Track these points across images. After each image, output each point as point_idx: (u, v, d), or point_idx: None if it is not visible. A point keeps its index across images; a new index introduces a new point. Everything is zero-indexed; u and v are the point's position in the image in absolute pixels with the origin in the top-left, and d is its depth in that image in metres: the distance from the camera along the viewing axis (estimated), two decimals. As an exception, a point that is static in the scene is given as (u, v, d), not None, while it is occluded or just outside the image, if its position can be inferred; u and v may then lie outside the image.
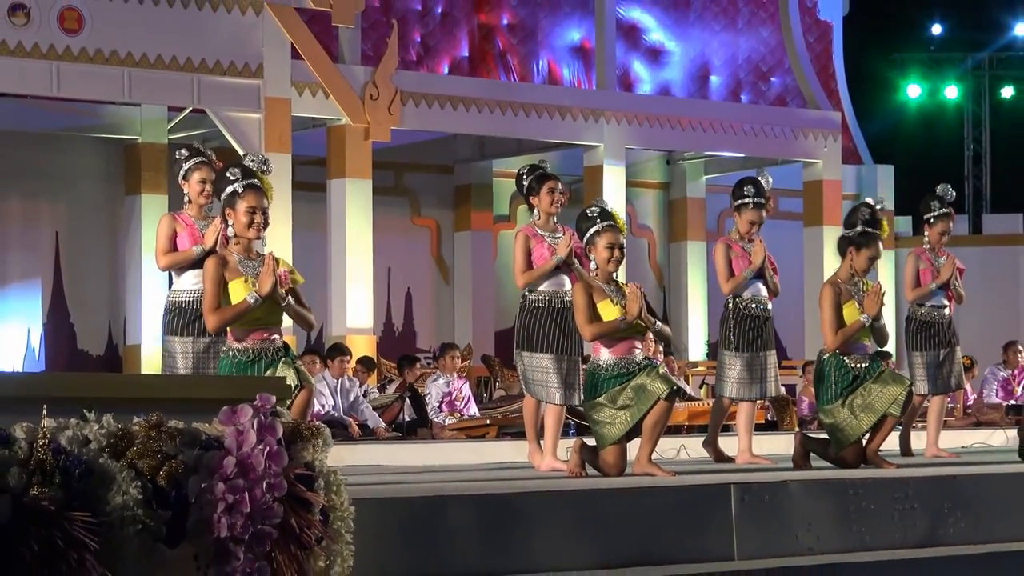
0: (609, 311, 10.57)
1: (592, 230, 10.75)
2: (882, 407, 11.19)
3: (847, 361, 11.37)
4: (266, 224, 9.79)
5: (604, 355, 10.61)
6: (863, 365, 11.38)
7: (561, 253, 11.29)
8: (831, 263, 12.15)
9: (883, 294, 11.48)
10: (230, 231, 9.77)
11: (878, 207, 11.85)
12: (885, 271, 23.54)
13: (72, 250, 21.57)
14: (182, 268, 11.15)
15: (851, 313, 11.43)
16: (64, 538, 5.96)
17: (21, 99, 19.74)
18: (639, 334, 10.68)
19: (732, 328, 12.66)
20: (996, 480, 10.04)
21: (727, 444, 13.06)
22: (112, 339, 21.73)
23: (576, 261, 11.10)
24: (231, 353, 9.64)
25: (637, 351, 10.62)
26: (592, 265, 10.76)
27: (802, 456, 11.44)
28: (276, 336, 9.67)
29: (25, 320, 21.35)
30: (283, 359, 9.58)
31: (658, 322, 10.70)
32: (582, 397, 11.29)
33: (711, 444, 13.09)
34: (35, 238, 21.45)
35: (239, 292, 9.58)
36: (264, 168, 9.95)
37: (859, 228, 11.69)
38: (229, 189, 9.76)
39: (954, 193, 14.02)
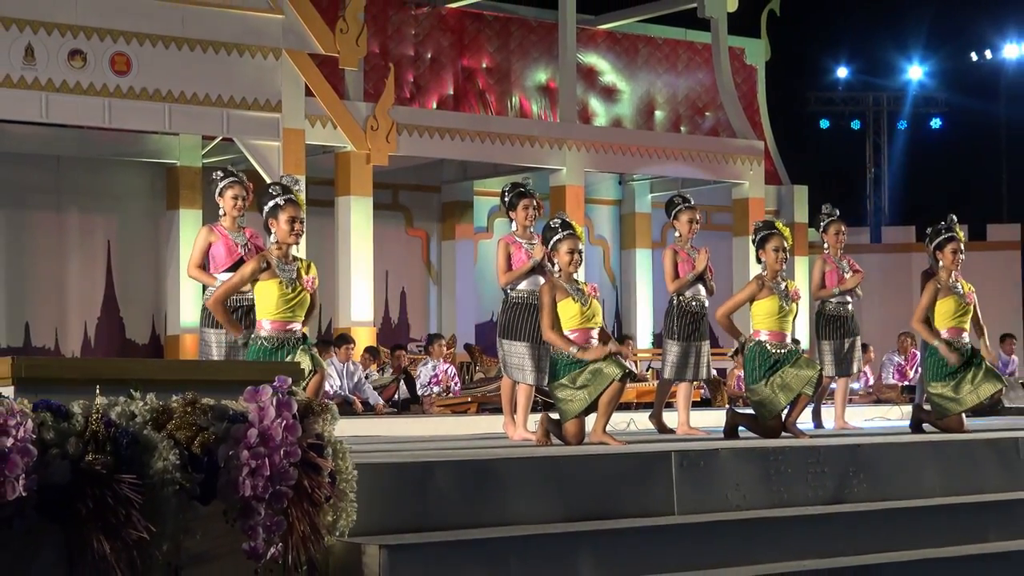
0: (569, 307, 10.58)
1: (555, 238, 10.79)
2: (797, 387, 11.19)
3: (769, 347, 11.37)
4: (303, 232, 9.84)
5: None
6: (782, 351, 11.38)
7: (537, 256, 11.29)
8: (756, 268, 12.13)
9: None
10: (272, 238, 9.78)
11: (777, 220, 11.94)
12: (800, 273, 23.55)
13: (122, 256, 21.52)
14: (220, 271, 11.13)
15: (766, 304, 11.43)
16: (114, 496, 5.95)
17: (79, 129, 19.69)
18: (596, 326, 10.69)
19: (675, 321, 12.65)
20: (892, 448, 10.05)
21: (669, 418, 13.05)
22: (155, 330, 21.66)
23: (548, 264, 11.10)
24: (259, 341, 9.64)
25: (594, 340, 10.62)
26: (556, 268, 10.78)
27: (731, 428, 11.44)
28: (295, 327, 9.67)
29: (82, 314, 21.29)
30: (301, 347, 9.58)
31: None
32: (548, 379, 11.30)
33: (656, 418, 13.08)
34: (91, 246, 21.39)
35: (271, 289, 9.59)
36: (298, 188, 10.01)
37: (762, 232, 11.76)
38: (272, 203, 9.79)
39: (836, 211, 14.03)
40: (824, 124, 36.08)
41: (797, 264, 24.02)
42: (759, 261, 11.75)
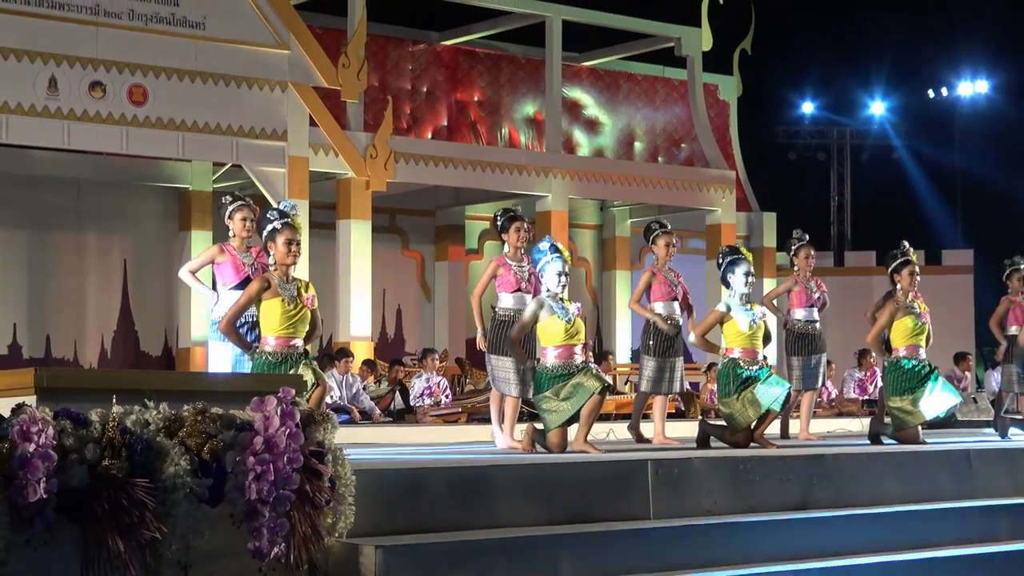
0: (555, 325, 10.59)
1: (544, 261, 10.81)
2: (766, 403, 11.20)
3: (741, 364, 11.38)
4: (300, 253, 9.84)
5: (551, 359, 10.62)
6: (754, 368, 11.39)
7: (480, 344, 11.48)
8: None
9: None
10: (271, 259, 9.77)
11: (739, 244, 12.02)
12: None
13: (137, 274, 21.51)
14: (228, 287, 11.14)
15: (735, 325, 11.45)
16: (128, 499, 5.95)
17: (98, 155, 19.68)
18: (578, 343, 10.70)
19: (651, 338, 12.69)
20: (853, 458, 10.05)
21: (646, 429, 13.05)
22: (168, 343, 21.65)
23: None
24: (264, 356, 9.62)
25: (576, 356, 10.63)
26: (544, 288, 10.78)
27: (703, 439, 11.45)
28: (298, 342, 9.66)
29: (100, 328, 21.27)
30: (303, 361, 9.58)
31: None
32: (534, 391, 11.31)
33: (633, 428, 13.08)
34: (108, 264, 21.38)
35: (275, 307, 9.59)
36: (295, 212, 10.02)
37: (728, 258, 11.77)
38: (270, 227, 9.78)
39: (806, 236, 14.08)
40: (791, 156, 36.14)
41: (766, 286, 24.03)
42: (727, 285, 11.74)
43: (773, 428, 13.10)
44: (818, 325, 13.86)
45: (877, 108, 37.82)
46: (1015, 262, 15.40)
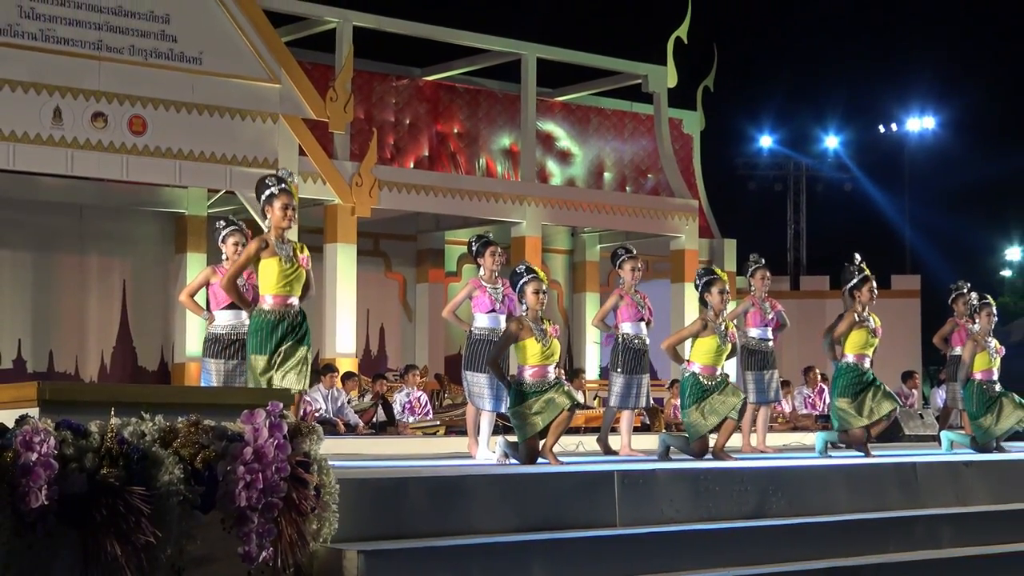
0: (532, 346, 10.56)
1: (522, 281, 10.79)
2: (723, 412, 11.26)
3: (701, 379, 11.42)
4: (295, 217, 9.79)
5: (527, 376, 10.61)
6: (713, 382, 11.43)
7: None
8: (691, 310, 12.17)
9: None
10: (267, 223, 9.70)
11: (712, 266, 12.11)
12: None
13: (135, 293, 21.44)
14: (219, 308, 11.13)
15: (707, 342, 11.49)
16: (125, 506, 5.93)
17: (100, 182, 19.63)
18: (553, 363, 10.70)
19: (620, 356, 12.72)
20: (806, 470, 10.08)
21: (613, 441, 13.06)
22: (164, 359, 21.58)
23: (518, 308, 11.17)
24: (262, 315, 9.59)
25: (550, 374, 10.63)
26: (523, 307, 10.77)
27: (665, 451, 11.50)
28: (294, 301, 9.63)
29: (100, 344, 21.19)
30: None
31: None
32: (508, 405, 11.31)
33: (602, 441, 13.10)
34: (109, 284, 21.31)
35: (272, 267, 9.57)
36: (292, 179, 9.96)
37: (705, 278, 11.82)
38: (267, 192, 9.73)
39: (762, 259, 14.21)
40: (751, 186, 36.26)
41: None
42: (704, 304, 11.78)
43: (735, 441, 13.12)
44: (771, 343, 13.97)
45: (831, 142, 38.03)
46: (960, 287, 15.57)
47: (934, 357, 16.60)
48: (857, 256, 12.48)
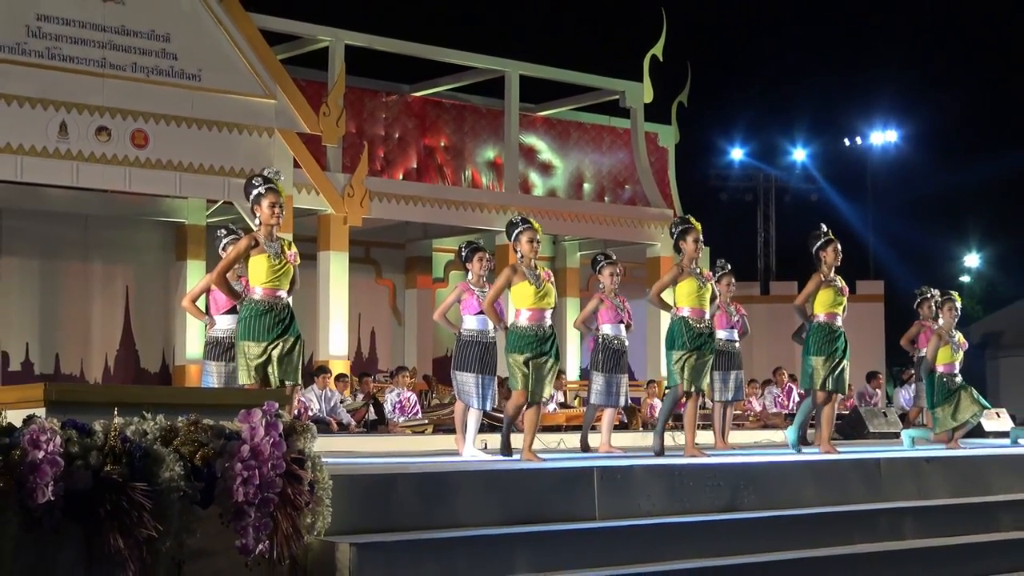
0: (526, 289, 10.71)
1: (517, 231, 10.88)
2: (700, 383, 11.44)
3: (691, 322, 11.50)
4: (282, 215, 9.79)
5: (523, 320, 10.71)
6: (702, 326, 11.57)
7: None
8: (666, 316, 12.12)
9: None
10: (256, 221, 9.66)
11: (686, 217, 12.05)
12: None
13: (138, 299, 21.41)
14: (219, 313, 11.13)
15: (686, 285, 11.51)
16: (128, 501, 5.91)
17: (104, 193, 19.60)
18: (548, 307, 10.75)
19: (600, 355, 12.74)
20: (776, 466, 10.09)
21: (594, 439, 13.07)
22: (165, 361, 21.54)
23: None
24: (252, 303, 9.62)
25: (546, 319, 10.71)
26: (518, 254, 10.79)
27: (660, 448, 11.53)
28: (282, 294, 9.66)
29: (104, 347, 21.16)
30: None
31: None
32: (494, 404, 11.36)
33: (583, 439, 13.11)
34: (112, 290, 21.28)
35: (261, 262, 9.59)
36: (278, 178, 9.97)
37: (680, 226, 11.81)
38: (255, 192, 9.76)
39: (728, 265, 14.35)
40: (723, 197, 36.32)
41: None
42: (678, 251, 11.79)
43: (707, 439, 13.14)
44: (737, 345, 14.04)
45: (798, 155, 38.12)
46: (924, 292, 15.61)
47: (897, 358, 16.64)
48: (823, 225, 12.50)
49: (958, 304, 13.85)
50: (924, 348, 15.31)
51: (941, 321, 13.79)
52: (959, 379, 13.58)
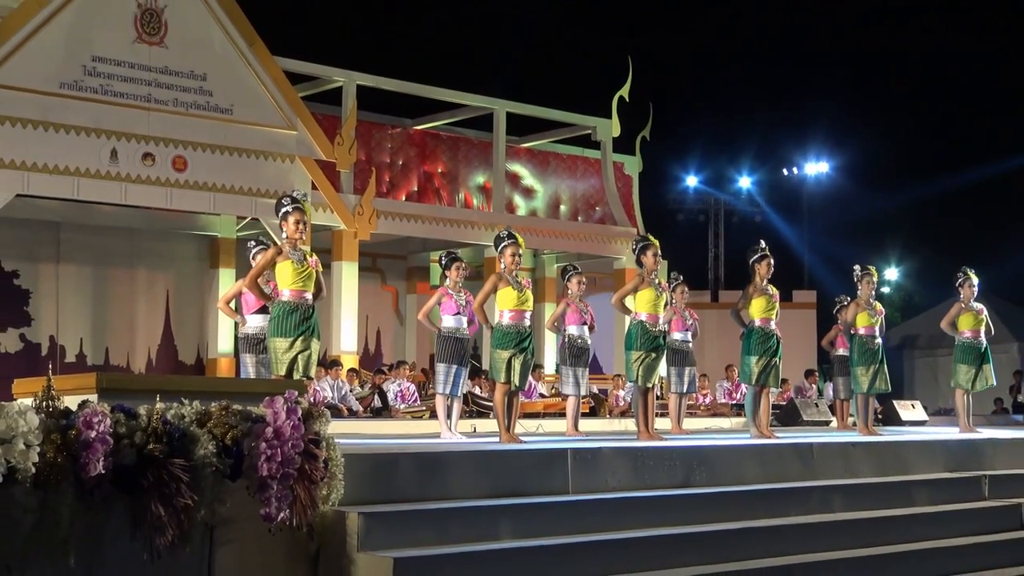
0: (509, 294, 10.82)
1: (503, 244, 11.01)
2: (651, 380, 11.50)
3: (647, 326, 11.50)
4: (306, 230, 9.80)
5: (506, 319, 10.91)
6: (657, 331, 11.59)
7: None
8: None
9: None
10: (283, 235, 9.74)
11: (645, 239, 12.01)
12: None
13: (176, 301, 21.38)
14: (250, 313, 11.13)
15: (645, 294, 11.49)
16: (168, 475, 5.91)
17: (148, 210, 19.56)
18: (528, 309, 10.86)
19: (567, 353, 12.72)
20: (724, 449, 10.08)
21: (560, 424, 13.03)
22: (200, 355, 21.50)
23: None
24: (280, 303, 9.63)
25: (526, 320, 10.82)
26: (502, 265, 10.89)
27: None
28: (307, 296, 9.68)
29: (147, 342, 21.11)
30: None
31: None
32: (460, 391, 11.37)
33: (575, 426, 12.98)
34: (154, 294, 21.24)
35: (287, 268, 9.61)
36: (304, 198, 10.01)
37: (640, 243, 11.84)
38: (283, 210, 9.83)
39: (680, 276, 14.50)
40: (680, 217, 36.34)
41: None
42: (640, 264, 11.80)
43: (664, 425, 13.12)
44: (691, 344, 14.11)
45: (744, 182, 38.18)
46: (841, 300, 15.71)
47: (828, 357, 16.74)
48: (762, 242, 12.51)
49: (875, 278, 13.68)
50: (841, 349, 15.43)
51: (860, 293, 13.65)
52: (878, 341, 13.44)
